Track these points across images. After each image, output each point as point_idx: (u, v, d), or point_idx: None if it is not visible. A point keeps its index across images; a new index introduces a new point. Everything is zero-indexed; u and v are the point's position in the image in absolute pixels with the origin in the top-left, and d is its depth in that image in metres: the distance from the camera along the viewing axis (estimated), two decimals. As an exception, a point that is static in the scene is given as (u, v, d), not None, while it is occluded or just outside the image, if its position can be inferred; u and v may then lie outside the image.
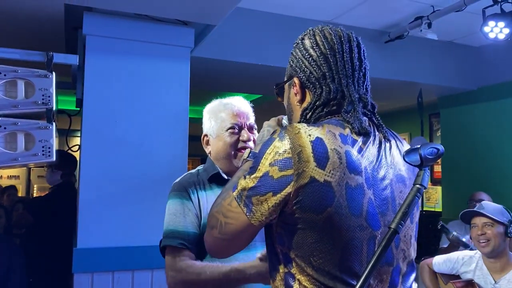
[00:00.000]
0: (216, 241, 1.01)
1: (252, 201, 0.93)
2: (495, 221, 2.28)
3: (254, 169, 0.95)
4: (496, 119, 4.33)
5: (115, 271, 2.42)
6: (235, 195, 0.96)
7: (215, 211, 1.01)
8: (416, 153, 0.84)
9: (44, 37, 2.90)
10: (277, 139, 0.95)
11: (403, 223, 0.82)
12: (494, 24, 3.02)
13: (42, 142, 2.08)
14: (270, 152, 0.93)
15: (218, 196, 1.04)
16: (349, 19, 3.70)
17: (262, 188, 0.92)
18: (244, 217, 0.94)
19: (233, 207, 0.96)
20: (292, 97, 1.11)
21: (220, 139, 1.59)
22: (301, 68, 1.07)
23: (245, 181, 0.95)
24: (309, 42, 1.08)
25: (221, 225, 0.98)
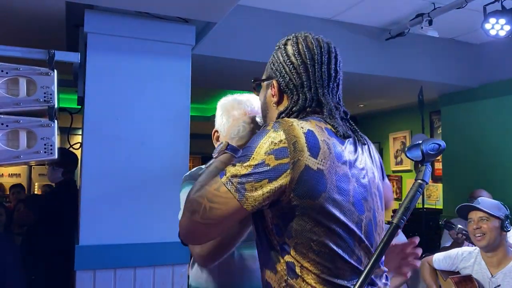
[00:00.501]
0: (195, 225, 1.02)
1: (246, 187, 0.97)
2: (490, 215, 2.33)
3: (247, 157, 0.98)
4: (497, 116, 4.33)
5: (117, 268, 2.42)
6: (223, 181, 0.98)
7: (197, 195, 1.01)
8: (418, 148, 0.85)
9: (45, 35, 2.91)
10: (271, 130, 1.00)
11: (405, 218, 0.83)
12: (495, 21, 3.03)
13: (44, 140, 2.09)
14: (265, 142, 0.98)
15: (196, 183, 1.06)
16: (350, 16, 3.70)
17: (257, 175, 0.96)
18: (234, 202, 0.97)
19: (222, 192, 0.98)
20: (268, 96, 1.18)
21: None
22: (281, 73, 1.14)
23: (236, 168, 0.99)
24: (292, 49, 1.15)
25: (204, 209, 0.99)
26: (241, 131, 1.20)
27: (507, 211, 2.38)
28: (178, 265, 2.53)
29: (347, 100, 1.25)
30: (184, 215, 1.04)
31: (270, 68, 1.19)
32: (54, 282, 3.17)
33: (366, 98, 5.56)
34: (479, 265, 2.39)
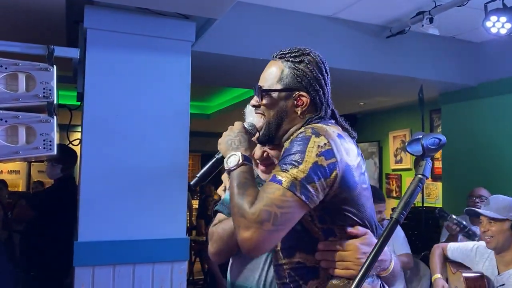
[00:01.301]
0: (268, 234, 1.06)
1: (308, 188, 1.08)
2: (496, 219, 2.29)
3: (300, 161, 1.09)
4: (497, 115, 4.33)
5: (116, 265, 2.42)
6: (286, 186, 1.07)
7: (262, 205, 1.06)
8: (418, 143, 0.84)
9: (45, 30, 2.90)
10: (313, 136, 1.13)
11: (405, 213, 0.83)
12: (496, 19, 3.02)
13: (43, 136, 2.09)
14: (312, 146, 1.11)
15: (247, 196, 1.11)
16: (350, 14, 3.69)
17: (315, 175, 1.09)
18: (301, 203, 1.08)
19: (288, 197, 1.07)
20: (290, 106, 1.28)
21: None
22: (314, 87, 1.27)
23: (292, 173, 1.08)
24: (317, 65, 1.29)
25: (275, 216, 1.05)
26: (243, 141, 1.27)
27: None
28: (178, 262, 2.53)
29: (347, 98, 1.29)
30: (249, 228, 1.06)
31: (296, 80, 1.27)
32: (53, 278, 3.17)
33: (366, 96, 5.56)
34: (490, 262, 2.39)
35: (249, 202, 1.08)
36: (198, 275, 6.14)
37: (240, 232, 1.08)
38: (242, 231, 1.07)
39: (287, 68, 1.29)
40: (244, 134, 1.30)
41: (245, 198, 1.10)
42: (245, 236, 1.06)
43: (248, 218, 1.06)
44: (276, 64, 1.32)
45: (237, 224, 1.09)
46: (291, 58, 1.30)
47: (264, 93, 1.30)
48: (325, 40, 3.66)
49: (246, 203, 1.08)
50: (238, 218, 1.09)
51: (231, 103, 6.71)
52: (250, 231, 1.06)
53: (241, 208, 1.08)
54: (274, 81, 1.30)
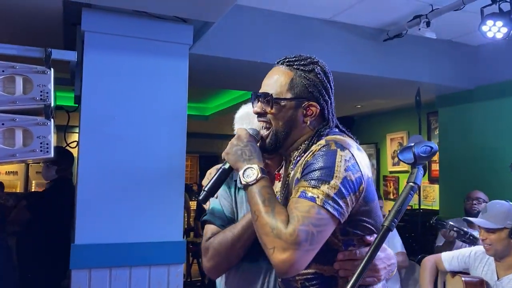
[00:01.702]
0: (305, 254, 1.03)
1: (341, 204, 1.07)
2: (493, 229, 2.27)
3: (330, 177, 1.08)
4: (494, 118, 4.34)
5: (112, 267, 2.42)
6: (320, 203, 1.05)
7: (299, 224, 1.02)
8: (410, 151, 0.85)
9: (42, 33, 2.90)
10: (338, 150, 1.12)
11: (396, 221, 0.84)
12: (492, 23, 3.03)
13: (40, 138, 2.09)
14: (340, 161, 1.10)
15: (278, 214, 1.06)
16: (347, 17, 3.70)
17: (345, 191, 1.08)
18: (335, 220, 1.07)
19: (323, 215, 1.05)
20: (299, 115, 1.25)
21: None
22: (324, 98, 1.26)
23: (324, 190, 1.06)
24: (326, 75, 1.28)
25: (312, 236, 1.03)
26: (254, 151, 1.23)
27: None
28: (174, 265, 2.54)
29: (345, 101, 1.30)
30: (287, 250, 1.02)
31: (306, 89, 1.25)
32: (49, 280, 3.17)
33: (364, 98, 5.57)
34: (489, 266, 2.38)
35: (283, 221, 1.04)
36: (195, 277, 6.14)
37: (276, 254, 1.03)
38: (279, 253, 1.02)
39: (297, 77, 1.26)
40: (254, 143, 1.26)
41: (277, 216, 1.06)
42: (282, 258, 1.02)
43: (286, 239, 1.01)
44: (284, 72, 1.28)
45: (271, 245, 1.04)
46: (301, 66, 1.26)
47: (274, 101, 1.26)
48: (322, 43, 3.67)
49: (280, 222, 1.04)
50: (273, 239, 1.03)
51: (229, 105, 6.72)
52: (288, 252, 1.01)
53: (275, 228, 1.04)
54: (284, 89, 1.25)
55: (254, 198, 1.12)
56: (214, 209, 1.49)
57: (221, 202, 1.50)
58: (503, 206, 2.36)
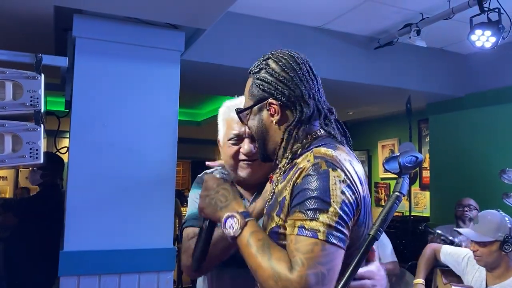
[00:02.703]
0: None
1: (344, 232, 0.96)
2: (484, 243, 2.23)
3: (327, 204, 0.96)
4: (484, 125, 4.39)
5: (102, 275, 2.40)
6: (323, 238, 0.93)
7: (305, 269, 0.91)
8: (395, 161, 0.86)
9: (33, 38, 2.89)
10: (330, 169, 0.99)
11: (382, 230, 0.84)
12: (481, 32, 3.07)
13: (29, 144, 2.07)
14: (334, 183, 0.97)
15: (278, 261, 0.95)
16: (339, 25, 3.73)
17: (346, 216, 0.97)
18: (342, 251, 0.96)
19: (329, 250, 0.93)
20: (266, 118, 1.17)
21: (224, 148, 1.50)
22: (278, 90, 1.14)
23: (324, 220, 0.94)
24: (278, 65, 1.16)
25: (323, 276, 0.92)
26: (228, 194, 1.13)
27: (509, 231, 2.22)
28: (164, 272, 2.52)
29: (336, 108, 1.26)
30: None
31: (260, 90, 1.17)
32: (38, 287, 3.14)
33: (355, 105, 5.60)
34: (480, 274, 2.36)
35: (286, 268, 0.92)
36: (187, 283, 6.11)
37: None
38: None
39: (252, 82, 1.21)
40: (224, 185, 1.15)
41: (277, 264, 0.94)
42: None
43: (294, 287, 0.90)
44: (248, 82, 1.25)
45: None
46: (254, 69, 1.21)
47: (240, 114, 1.24)
48: (314, 51, 3.69)
49: (283, 270, 0.92)
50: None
51: (221, 111, 6.72)
52: None
53: (280, 279, 0.92)
54: (247, 99, 1.23)
55: (246, 251, 1.01)
56: (192, 214, 1.45)
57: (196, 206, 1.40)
58: (495, 216, 2.29)
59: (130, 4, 2.40)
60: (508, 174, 3.51)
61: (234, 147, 1.45)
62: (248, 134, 1.44)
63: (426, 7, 3.36)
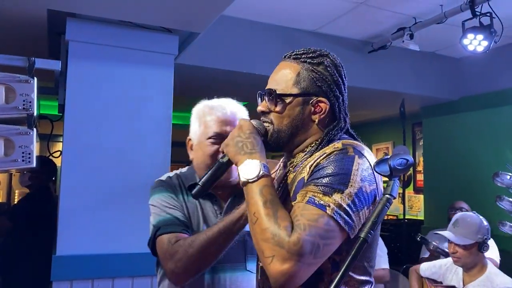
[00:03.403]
0: (308, 267, 0.92)
1: (353, 217, 0.95)
2: (466, 245, 2.29)
3: (344, 185, 0.95)
4: (477, 129, 4.42)
5: (94, 279, 2.39)
6: (330, 213, 0.93)
7: (305, 234, 0.90)
8: (386, 163, 0.86)
9: (26, 42, 2.89)
10: (356, 156, 1.00)
11: (372, 233, 0.84)
12: (473, 36, 3.09)
13: (22, 148, 2.06)
14: (357, 168, 0.98)
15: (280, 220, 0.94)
16: (333, 29, 3.75)
17: (359, 203, 0.96)
18: (344, 234, 0.95)
19: (332, 226, 0.93)
20: (307, 112, 1.12)
21: (201, 147, 1.46)
22: (333, 91, 1.12)
23: (336, 198, 0.94)
24: (337, 68, 1.15)
25: (318, 248, 0.91)
26: (256, 145, 1.08)
27: (486, 232, 2.31)
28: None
29: None
30: (287, 261, 0.89)
31: (315, 84, 1.12)
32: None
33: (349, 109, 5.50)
34: (457, 275, 2.44)
35: (286, 228, 0.91)
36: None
37: (274, 264, 0.90)
38: (278, 262, 0.89)
39: (304, 70, 1.13)
40: (256, 135, 1.10)
41: (280, 222, 0.93)
42: (282, 269, 0.89)
43: (288, 248, 0.89)
44: (290, 66, 1.15)
45: (269, 254, 0.91)
46: (309, 59, 1.14)
47: (279, 98, 1.12)
48: (308, 54, 3.70)
49: (283, 229, 0.91)
50: (273, 247, 0.91)
51: (216, 115, 6.72)
52: (288, 263, 0.89)
53: (277, 235, 0.91)
54: (289, 84, 1.12)
55: (253, 198, 0.98)
56: (167, 220, 1.36)
57: (172, 213, 1.38)
58: (474, 219, 2.36)
59: (124, 7, 2.40)
60: (501, 177, 3.53)
61: (214, 146, 1.42)
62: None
63: (419, 11, 3.38)
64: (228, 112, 1.46)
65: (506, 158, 4.03)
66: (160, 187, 1.47)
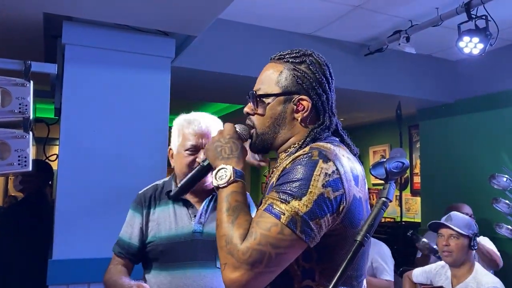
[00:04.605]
0: (259, 276, 0.91)
1: (311, 226, 0.92)
2: (460, 234, 2.38)
3: (303, 192, 0.93)
4: (473, 131, 4.43)
5: (91, 283, 2.38)
6: (284, 222, 0.91)
7: (255, 243, 0.90)
8: (382, 167, 0.86)
9: (22, 45, 2.88)
10: (320, 160, 0.97)
11: (369, 236, 0.84)
12: (468, 39, 3.10)
13: (18, 152, 2.06)
14: (319, 174, 0.95)
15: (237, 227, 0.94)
16: (329, 32, 3.76)
17: (319, 210, 0.93)
18: (301, 243, 0.93)
19: (286, 235, 0.91)
20: (289, 111, 1.12)
21: (179, 157, 1.64)
22: (315, 90, 1.12)
23: (294, 206, 0.92)
24: (320, 67, 1.14)
25: (269, 258, 0.90)
26: (235, 149, 1.09)
27: (475, 229, 2.44)
28: (154, 280, 2.50)
29: None
30: (237, 269, 0.90)
31: (296, 83, 1.12)
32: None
33: (346, 112, 5.63)
34: (446, 278, 2.48)
35: (240, 236, 0.92)
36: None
37: (226, 272, 0.92)
38: (229, 271, 0.91)
39: (286, 70, 1.13)
40: (236, 140, 1.11)
41: (235, 229, 0.94)
42: (232, 277, 0.90)
43: (237, 257, 0.90)
44: (274, 66, 1.16)
45: (223, 261, 0.93)
46: (291, 58, 1.14)
47: (259, 98, 1.13)
48: (304, 57, 3.71)
49: (236, 237, 0.92)
50: (225, 255, 0.93)
51: (213, 118, 6.72)
52: (238, 272, 0.90)
53: (230, 243, 0.92)
54: (272, 84, 1.13)
55: (220, 204, 1.00)
56: (122, 239, 1.69)
57: (122, 233, 1.70)
58: (464, 216, 2.54)
59: (120, 11, 2.40)
60: (498, 179, 3.54)
61: (191, 157, 1.60)
62: (204, 146, 1.57)
63: (415, 14, 3.40)
64: (203, 126, 1.63)
65: (502, 160, 4.04)
66: (132, 203, 1.73)
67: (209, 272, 1.56)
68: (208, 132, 1.63)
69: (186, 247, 1.58)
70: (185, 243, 1.59)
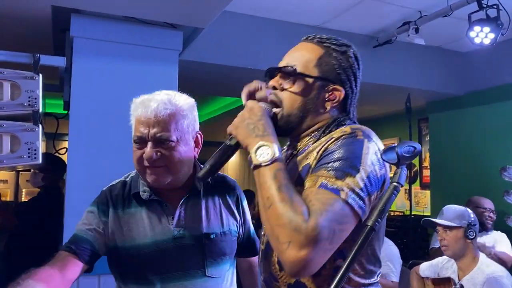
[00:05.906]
0: (324, 254, 0.88)
1: (365, 202, 0.93)
2: (450, 227, 2.37)
3: (355, 169, 0.93)
4: (483, 124, 4.38)
5: (101, 275, 2.40)
6: (344, 198, 0.90)
7: (323, 219, 0.86)
8: (393, 151, 0.85)
9: (31, 38, 2.89)
10: (365, 140, 0.98)
11: (380, 221, 0.83)
12: (479, 29, 3.06)
13: (28, 144, 2.07)
14: (366, 152, 0.96)
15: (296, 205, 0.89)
16: (338, 24, 3.73)
17: (371, 187, 0.94)
18: (357, 218, 0.92)
19: (347, 212, 0.90)
20: (321, 97, 1.09)
21: (133, 150, 1.35)
22: (351, 84, 1.12)
23: (347, 183, 0.91)
24: (357, 61, 1.15)
25: (334, 234, 0.88)
26: (268, 128, 1.01)
27: (471, 219, 2.40)
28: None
29: None
30: (305, 247, 0.85)
31: (336, 71, 1.09)
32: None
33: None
34: (453, 271, 2.48)
35: (303, 213, 0.87)
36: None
37: (290, 250, 0.86)
38: (295, 249, 0.85)
39: (327, 55, 1.10)
40: (268, 118, 1.04)
41: (296, 207, 0.88)
42: (299, 255, 0.85)
43: (306, 234, 0.85)
44: (312, 47, 1.12)
45: (286, 239, 0.87)
46: (333, 45, 1.11)
47: (298, 77, 1.08)
48: (313, 50, 3.69)
49: (299, 214, 0.87)
50: (290, 232, 0.86)
51: (220, 112, 6.72)
52: (306, 249, 0.85)
53: (294, 221, 0.86)
54: (310, 65, 1.09)
55: (267, 183, 0.93)
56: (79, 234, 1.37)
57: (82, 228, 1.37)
58: (458, 208, 2.52)
59: (128, 3, 2.40)
60: (509, 172, 3.49)
61: (138, 151, 1.31)
62: (151, 137, 1.29)
63: (425, 4, 3.36)
64: (150, 111, 1.29)
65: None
66: (95, 199, 1.45)
67: (199, 282, 1.32)
68: (155, 119, 1.28)
69: (168, 256, 1.31)
70: (166, 251, 1.31)
